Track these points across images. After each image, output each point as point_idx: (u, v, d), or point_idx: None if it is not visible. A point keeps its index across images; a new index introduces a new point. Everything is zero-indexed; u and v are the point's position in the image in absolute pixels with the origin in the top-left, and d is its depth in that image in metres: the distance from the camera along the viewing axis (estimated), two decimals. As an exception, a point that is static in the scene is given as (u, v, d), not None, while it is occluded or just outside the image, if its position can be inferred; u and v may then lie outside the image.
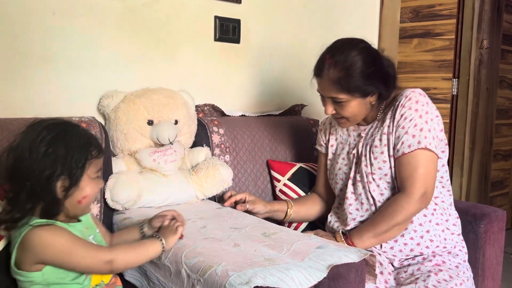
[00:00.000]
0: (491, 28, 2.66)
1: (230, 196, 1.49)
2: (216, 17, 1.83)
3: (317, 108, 1.81)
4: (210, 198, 1.57)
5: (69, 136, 0.98)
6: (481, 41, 2.61)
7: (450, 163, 2.67)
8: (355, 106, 1.31)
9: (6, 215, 0.98)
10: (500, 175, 3.10)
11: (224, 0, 1.85)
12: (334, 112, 1.34)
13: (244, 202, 1.48)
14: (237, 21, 1.89)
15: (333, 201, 1.54)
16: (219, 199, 1.58)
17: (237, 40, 1.91)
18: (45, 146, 0.95)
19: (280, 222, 1.52)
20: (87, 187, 1.00)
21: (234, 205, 1.47)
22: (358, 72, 1.25)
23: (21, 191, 0.95)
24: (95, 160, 1.02)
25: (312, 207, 1.59)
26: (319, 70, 1.31)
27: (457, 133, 2.65)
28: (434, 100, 2.68)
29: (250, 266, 0.94)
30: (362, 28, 2.44)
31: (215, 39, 1.85)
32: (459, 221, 1.41)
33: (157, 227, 1.16)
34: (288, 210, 1.54)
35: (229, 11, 1.87)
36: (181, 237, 1.12)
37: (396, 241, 1.33)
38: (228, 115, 1.82)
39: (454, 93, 2.66)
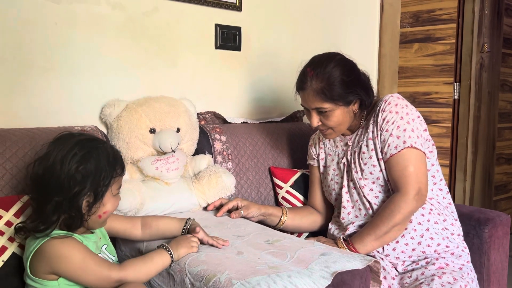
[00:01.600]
0: (491, 31, 2.67)
1: (221, 204, 1.47)
2: (217, 25, 1.84)
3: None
4: (213, 206, 1.56)
5: (100, 154, 1.01)
6: (481, 45, 2.62)
7: (453, 167, 2.66)
8: (339, 115, 1.35)
9: (30, 223, 1.01)
10: (503, 178, 3.09)
11: (225, 8, 1.86)
12: (319, 123, 1.38)
13: (237, 208, 1.46)
14: (238, 29, 1.90)
15: (329, 213, 1.56)
16: (220, 207, 1.57)
17: (238, 48, 1.91)
18: (77, 162, 0.97)
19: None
20: (109, 203, 1.03)
21: (228, 213, 1.45)
22: (339, 80, 1.31)
23: (47, 203, 0.97)
24: (118, 177, 1.05)
25: (308, 216, 1.58)
26: (302, 83, 1.36)
27: (459, 137, 2.64)
28: (436, 104, 2.70)
29: (254, 274, 0.94)
30: (363, 33, 2.45)
31: (216, 47, 1.85)
32: (458, 222, 1.41)
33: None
34: (282, 217, 1.53)
35: (230, 19, 1.88)
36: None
37: (397, 242, 1.34)
38: (229, 122, 1.83)
39: (456, 97, 2.66)
